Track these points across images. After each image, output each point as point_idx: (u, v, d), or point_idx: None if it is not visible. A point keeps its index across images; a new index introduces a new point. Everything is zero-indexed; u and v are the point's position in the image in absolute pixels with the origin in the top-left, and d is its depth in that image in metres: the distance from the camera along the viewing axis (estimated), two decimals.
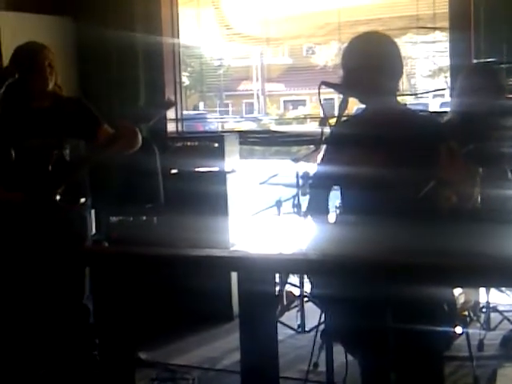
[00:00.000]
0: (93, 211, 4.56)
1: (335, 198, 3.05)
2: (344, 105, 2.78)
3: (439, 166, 2.49)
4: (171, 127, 5.66)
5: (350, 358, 2.92)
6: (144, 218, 4.96)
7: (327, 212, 2.94)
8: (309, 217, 2.94)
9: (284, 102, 11.64)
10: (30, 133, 3.64)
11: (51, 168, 3.59)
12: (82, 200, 3.73)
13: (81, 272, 3.75)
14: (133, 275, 2.79)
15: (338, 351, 2.97)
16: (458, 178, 2.49)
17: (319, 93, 2.75)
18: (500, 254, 2.31)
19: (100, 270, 3.14)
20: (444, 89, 5.11)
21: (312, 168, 3.11)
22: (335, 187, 2.89)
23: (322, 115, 2.96)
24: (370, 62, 2.68)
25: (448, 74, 4.91)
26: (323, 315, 3.73)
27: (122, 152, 3.66)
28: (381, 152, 2.63)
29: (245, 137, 5.48)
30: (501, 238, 2.57)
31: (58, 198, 3.59)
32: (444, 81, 5.13)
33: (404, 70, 2.82)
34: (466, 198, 2.57)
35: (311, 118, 7.18)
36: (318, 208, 2.91)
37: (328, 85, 2.78)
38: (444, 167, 2.48)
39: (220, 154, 4.95)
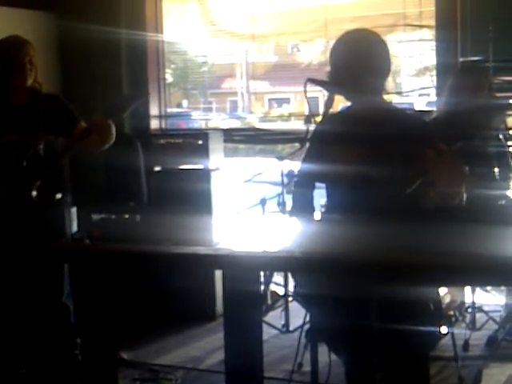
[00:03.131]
0: (74, 209, 4.51)
1: (321, 196, 3.01)
2: (329, 102, 2.74)
3: (426, 167, 2.47)
4: (155, 124, 5.62)
5: (333, 357, 2.89)
6: (127, 216, 4.91)
7: (312, 210, 2.90)
8: (293, 215, 2.90)
9: (268, 100, 11.60)
10: (7, 128, 3.59)
11: (25, 163, 3.54)
12: (58, 196, 3.68)
13: (59, 270, 3.70)
14: (114, 273, 2.74)
15: (323, 351, 2.95)
16: (446, 179, 2.47)
17: (305, 90, 2.72)
18: (484, 254, 2.29)
19: (79, 267, 3.09)
20: (430, 87, 5.10)
21: (297, 166, 3.08)
22: (320, 185, 2.86)
23: (307, 113, 2.93)
24: (357, 61, 2.65)
25: (434, 73, 4.90)
26: (308, 315, 3.71)
27: (95, 147, 3.63)
28: (365, 149, 2.61)
29: (229, 135, 5.45)
30: (485, 238, 2.56)
31: (33, 193, 3.54)
32: (430, 79, 5.12)
33: (391, 69, 2.79)
34: (452, 198, 2.55)
35: (296, 116, 7.15)
36: (303, 206, 2.87)
37: (314, 81, 2.74)
38: (432, 168, 2.46)
39: (204, 151, 4.91)
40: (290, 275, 4.35)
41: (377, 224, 2.45)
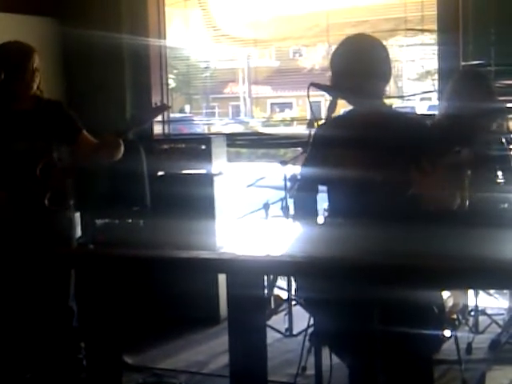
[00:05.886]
0: (78, 214, 4.52)
1: (324, 200, 3.03)
2: (333, 106, 2.76)
3: (414, 181, 2.49)
4: (158, 129, 5.63)
5: (335, 361, 2.89)
6: (130, 220, 4.92)
7: (315, 214, 2.91)
8: (296, 219, 2.91)
9: (271, 104, 11.63)
10: (13, 135, 3.59)
11: (39, 172, 3.56)
12: (71, 202, 3.72)
13: (66, 274, 3.72)
14: (118, 278, 2.75)
15: (327, 355, 2.95)
16: (434, 193, 2.49)
17: (308, 94, 2.73)
18: (487, 257, 2.29)
19: (84, 272, 3.10)
20: (432, 91, 5.10)
21: (298, 170, 3.09)
22: (322, 189, 2.87)
23: (310, 117, 2.94)
24: (358, 66, 2.67)
25: (436, 77, 4.90)
26: (311, 319, 3.71)
27: (103, 160, 3.69)
28: (366, 153, 2.62)
29: (232, 139, 5.46)
30: (488, 242, 2.56)
31: (46, 202, 3.57)
32: (431, 83, 5.13)
33: (392, 73, 2.81)
34: (450, 202, 2.57)
35: (298, 120, 7.16)
36: (306, 210, 2.89)
37: (317, 86, 2.76)
38: (419, 183, 2.48)
39: (207, 156, 4.92)
40: (293, 279, 4.36)
41: (379, 228, 2.46)
